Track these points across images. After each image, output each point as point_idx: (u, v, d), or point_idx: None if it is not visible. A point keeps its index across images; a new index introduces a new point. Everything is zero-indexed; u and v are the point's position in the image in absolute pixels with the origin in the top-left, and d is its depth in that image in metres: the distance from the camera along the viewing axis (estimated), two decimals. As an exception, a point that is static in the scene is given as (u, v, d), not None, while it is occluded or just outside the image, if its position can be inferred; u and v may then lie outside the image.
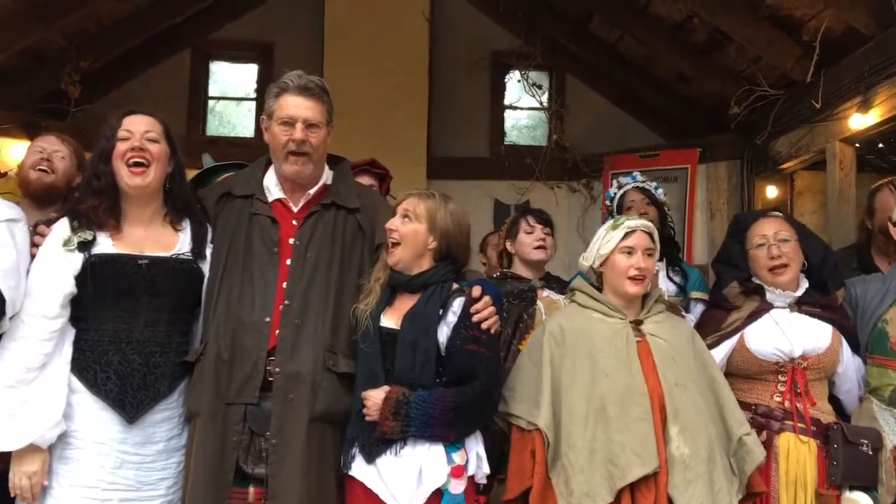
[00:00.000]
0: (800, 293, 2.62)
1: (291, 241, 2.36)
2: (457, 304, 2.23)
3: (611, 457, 2.23)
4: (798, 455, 2.46)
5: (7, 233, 2.20)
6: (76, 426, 2.19)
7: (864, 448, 2.45)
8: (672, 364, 2.36)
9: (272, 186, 2.44)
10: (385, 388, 2.18)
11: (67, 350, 2.22)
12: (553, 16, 6.21)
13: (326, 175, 2.48)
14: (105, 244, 2.26)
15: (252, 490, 2.22)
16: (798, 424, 2.49)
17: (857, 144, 4.55)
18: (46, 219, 2.40)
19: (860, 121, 4.16)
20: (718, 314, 2.70)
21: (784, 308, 2.61)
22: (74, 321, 2.24)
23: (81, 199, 2.31)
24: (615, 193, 3.52)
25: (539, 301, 3.02)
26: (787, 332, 2.55)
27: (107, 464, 2.19)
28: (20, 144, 4.96)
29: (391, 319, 2.26)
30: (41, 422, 2.14)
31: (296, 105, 2.34)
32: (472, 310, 2.21)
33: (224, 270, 2.34)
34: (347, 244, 2.39)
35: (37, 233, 2.34)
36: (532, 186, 6.10)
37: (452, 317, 2.22)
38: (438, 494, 2.13)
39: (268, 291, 2.30)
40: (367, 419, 2.18)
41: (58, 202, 2.93)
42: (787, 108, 4.88)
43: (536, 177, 6.08)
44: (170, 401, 2.28)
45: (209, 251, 2.38)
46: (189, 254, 2.34)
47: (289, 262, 2.33)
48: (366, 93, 5.49)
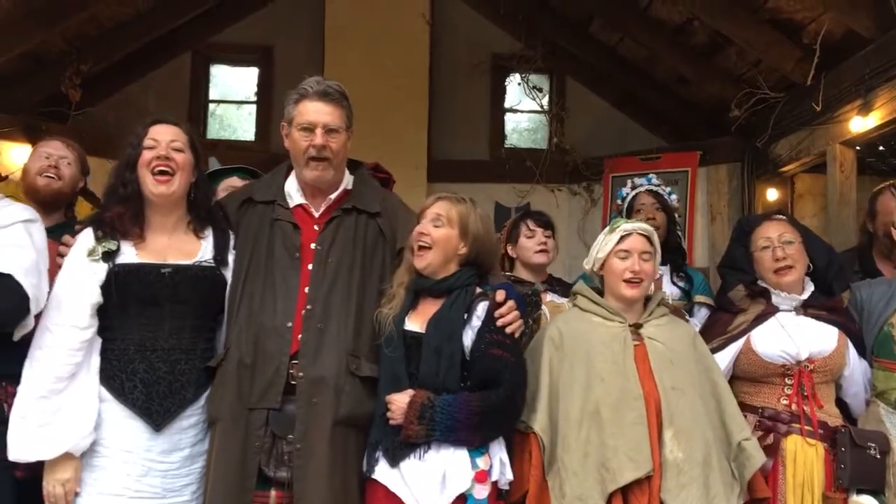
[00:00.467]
0: (805, 296, 2.63)
1: (313, 246, 2.36)
2: (481, 309, 2.23)
3: (603, 460, 2.23)
4: (805, 458, 2.46)
5: (25, 233, 2.20)
6: (103, 434, 2.20)
7: (872, 451, 2.45)
8: (670, 368, 2.36)
9: (293, 192, 2.44)
10: (409, 392, 2.18)
11: (95, 359, 2.23)
12: (553, 18, 6.21)
13: (347, 180, 2.49)
14: (129, 253, 2.26)
15: (273, 493, 2.22)
16: (805, 427, 2.48)
17: (858, 147, 4.55)
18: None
19: (860, 124, 4.17)
20: (724, 317, 2.70)
21: (790, 311, 2.61)
22: (100, 330, 2.25)
23: (107, 207, 2.31)
24: (628, 193, 3.50)
25: (544, 305, 3.01)
26: (794, 335, 2.55)
27: (133, 472, 2.19)
28: (21, 148, 4.94)
29: (415, 323, 2.27)
30: (75, 431, 2.15)
31: (315, 111, 2.35)
32: (497, 314, 2.22)
33: (246, 276, 2.34)
34: (369, 248, 2.40)
35: (62, 243, 2.36)
36: (533, 189, 6.10)
37: (477, 321, 2.22)
38: (462, 499, 2.13)
39: (290, 296, 2.30)
40: (392, 423, 2.18)
41: (63, 208, 2.96)
42: (788, 111, 4.87)
43: (537, 180, 6.08)
44: (195, 407, 2.28)
45: (231, 258, 2.38)
46: (211, 261, 2.34)
47: (310, 267, 2.34)
48: (366, 96, 5.36)
